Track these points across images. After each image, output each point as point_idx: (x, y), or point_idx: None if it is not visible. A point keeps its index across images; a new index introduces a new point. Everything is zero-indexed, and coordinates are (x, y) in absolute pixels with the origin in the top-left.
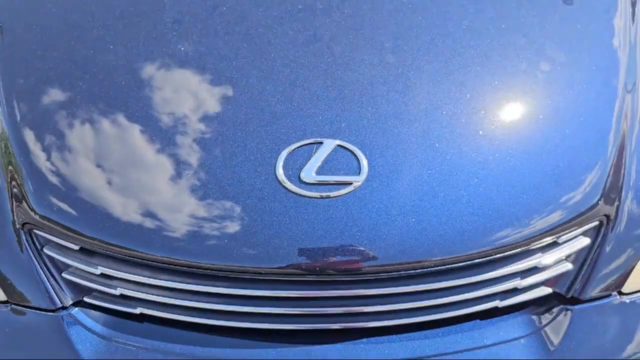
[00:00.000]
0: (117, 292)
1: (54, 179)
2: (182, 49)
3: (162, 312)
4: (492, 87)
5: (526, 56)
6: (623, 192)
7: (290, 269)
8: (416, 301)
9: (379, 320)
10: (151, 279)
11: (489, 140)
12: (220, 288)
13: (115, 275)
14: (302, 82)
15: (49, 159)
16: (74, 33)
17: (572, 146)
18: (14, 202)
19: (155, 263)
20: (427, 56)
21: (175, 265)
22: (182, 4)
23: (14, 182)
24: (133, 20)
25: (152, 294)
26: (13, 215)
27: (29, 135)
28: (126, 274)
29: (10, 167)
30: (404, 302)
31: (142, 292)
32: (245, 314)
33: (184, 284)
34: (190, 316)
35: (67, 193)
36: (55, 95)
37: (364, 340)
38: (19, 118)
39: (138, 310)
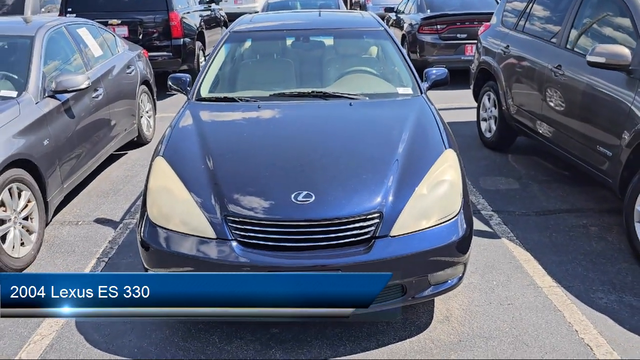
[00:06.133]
0: (248, 233)
1: (233, 198)
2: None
3: (262, 241)
4: (361, 158)
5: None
6: (386, 204)
7: (294, 217)
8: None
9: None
10: (256, 227)
11: (358, 177)
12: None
13: (249, 228)
14: (298, 168)
15: (231, 189)
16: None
17: (375, 185)
18: (221, 206)
19: (258, 221)
20: (338, 155)
21: (267, 221)
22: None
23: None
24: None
25: (259, 234)
26: (220, 210)
27: (226, 179)
28: (254, 227)
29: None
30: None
31: (257, 233)
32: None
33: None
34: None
35: (237, 200)
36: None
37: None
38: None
39: (253, 240)
